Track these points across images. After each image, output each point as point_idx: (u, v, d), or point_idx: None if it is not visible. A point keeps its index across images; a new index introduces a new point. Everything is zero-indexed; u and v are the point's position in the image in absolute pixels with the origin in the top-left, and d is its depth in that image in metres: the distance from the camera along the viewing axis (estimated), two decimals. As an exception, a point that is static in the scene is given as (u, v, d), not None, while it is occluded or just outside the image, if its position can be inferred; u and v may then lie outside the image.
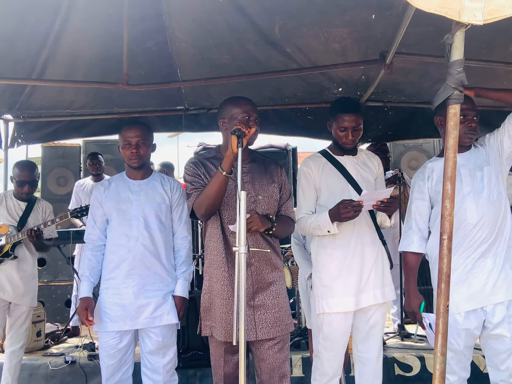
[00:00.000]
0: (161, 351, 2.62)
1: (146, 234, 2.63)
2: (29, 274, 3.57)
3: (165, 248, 2.69)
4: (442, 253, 1.67)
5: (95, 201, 2.75)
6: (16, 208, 3.56)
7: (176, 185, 2.81)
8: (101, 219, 2.72)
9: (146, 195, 2.70)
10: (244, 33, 2.99)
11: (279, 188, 2.44)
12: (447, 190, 1.67)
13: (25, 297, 3.52)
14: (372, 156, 2.78)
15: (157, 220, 2.68)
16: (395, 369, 3.81)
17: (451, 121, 1.61)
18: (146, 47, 3.23)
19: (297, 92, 3.99)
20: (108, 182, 2.80)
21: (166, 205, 2.73)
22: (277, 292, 2.34)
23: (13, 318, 3.54)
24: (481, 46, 2.93)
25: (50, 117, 4.32)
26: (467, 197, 2.36)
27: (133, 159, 2.66)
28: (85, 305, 2.59)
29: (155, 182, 2.77)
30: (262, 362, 2.31)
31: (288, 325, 2.36)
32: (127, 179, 2.76)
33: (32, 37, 3.06)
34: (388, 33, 2.87)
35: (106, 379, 2.63)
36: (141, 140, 2.66)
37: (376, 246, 2.59)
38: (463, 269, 2.33)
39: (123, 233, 2.63)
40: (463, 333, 2.31)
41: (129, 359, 2.68)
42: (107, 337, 2.60)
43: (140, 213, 2.66)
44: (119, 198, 2.70)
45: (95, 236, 2.72)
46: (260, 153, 2.59)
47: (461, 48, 1.61)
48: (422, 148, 5.67)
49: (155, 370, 2.62)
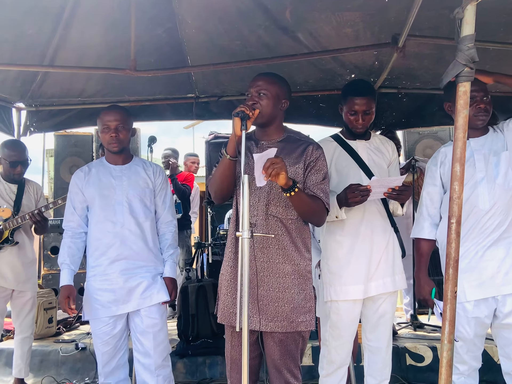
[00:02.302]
0: (151, 329, 2.59)
1: (131, 219, 2.62)
2: (30, 259, 3.53)
3: (151, 232, 2.69)
4: (450, 238, 1.62)
5: (74, 187, 2.72)
6: (7, 191, 3.50)
7: (159, 169, 2.80)
8: (81, 205, 2.70)
9: (129, 179, 2.68)
10: (254, 18, 2.94)
11: (304, 169, 2.16)
12: (456, 172, 1.62)
13: (27, 283, 3.49)
14: (386, 142, 2.71)
15: (142, 205, 2.67)
16: (406, 359, 3.78)
17: (461, 99, 1.55)
18: (155, 34, 3.21)
19: (309, 79, 3.93)
20: (88, 168, 2.76)
21: (150, 189, 2.72)
22: (285, 286, 2.12)
23: (18, 306, 3.50)
24: (499, 29, 2.84)
25: (61, 105, 4.32)
26: (480, 183, 2.30)
27: (113, 143, 2.63)
28: (66, 293, 2.57)
29: (137, 167, 2.75)
30: (266, 355, 2.22)
31: (295, 323, 2.11)
32: (107, 165, 2.73)
33: (42, 25, 3.05)
34: (401, 17, 2.79)
35: (102, 366, 2.63)
36: (121, 124, 2.63)
37: (387, 234, 2.54)
38: (473, 256, 2.28)
39: (107, 219, 2.61)
40: (473, 321, 2.27)
41: (124, 344, 2.67)
42: (101, 323, 2.59)
43: (124, 198, 2.64)
44: (101, 183, 2.67)
45: (75, 223, 2.69)
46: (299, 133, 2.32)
47: (472, 23, 1.54)
48: (437, 136, 5.55)
49: (146, 353, 2.60)
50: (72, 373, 3.91)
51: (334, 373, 2.55)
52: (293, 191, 1.99)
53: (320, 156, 2.20)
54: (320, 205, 2.15)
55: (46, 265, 5.35)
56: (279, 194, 2.12)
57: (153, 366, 2.59)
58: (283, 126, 2.29)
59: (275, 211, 2.14)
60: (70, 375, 3.91)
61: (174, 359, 3.85)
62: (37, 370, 3.93)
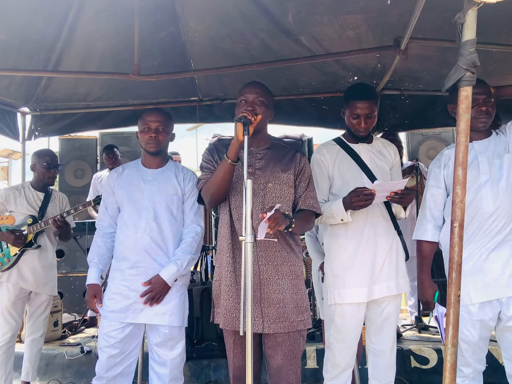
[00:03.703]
0: (168, 343, 2.54)
1: (155, 226, 2.56)
2: (50, 263, 3.60)
3: (173, 241, 2.60)
4: (453, 241, 1.62)
5: (107, 188, 2.71)
6: (35, 198, 3.59)
7: (190, 175, 2.73)
8: (112, 206, 2.68)
9: (158, 185, 2.64)
10: (257, 21, 2.95)
11: (294, 176, 2.30)
12: (459, 176, 1.62)
13: (46, 286, 3.55)
14: (388, 145, 2.71)
15: (168, 212, 2.60)
16: (411, 362, 3.77)
17: (463, 104, 1.56)
18: (158, 38, 3.23)
19: (311, 81, 3.94)
20: (122, 169, 2.74)
21: (178, 196, 2.65)
22: (284, 287, 2.21)
23: (33, 307, 3.58)
24: (501, 31, 2.83)
25: (66, 109, 4.36)
26: (484, 186, 2.29)
27: (151, 143, 2.60)
28: (93, 292, 2.57)
29: (169, 172, 2.70)
30: (268, 357, 2.24)
31: (296, 323, 2.20)
32: (141, 167, 2.70)
33: (46, 30, 3.08)
34: (404, 19, 2.79)
35: (106, 370, 2.53)
36: (161, 126, 2.61)
37: (390, 237, 2.54)
38: (477, 258, 2.28)
39: (132, 224, 2.57)
40: (478, 324, 2.26)
41: (134, 353, 2.59)
42: (109, 327, 2.53)
43: (151, 204, 2.59)
44: (131, 186, 2.64)
45: (106, 223, 2.69)
46: (283, 141, 2.48)
47: (473, 28, 1.54)
48: (440, 137, 5.55)
49: (162, 363, 2.54)
50: (77, 376, 3.92)
51: (339, 376, 2.54)
52: (293, 224, 2.10)
53: (306, 162, 2.37)
54: (312, 218, 2.35)
55: (51, 268, 5.36)
56: (273, 199, 2.25)
57: (167, 378, 2.54)
58: (268, 134, 2.41)
59: None
60: (75, 378, 3.92)
61: (179, 362, 3.88)
62: (43, 374, 3.95)
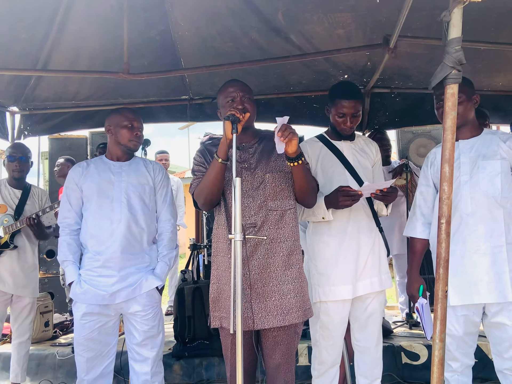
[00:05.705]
0: (148, 341, 2.56)
1: (129, 216, 2.57)
2: (30, 264, 3.51)
3: (147, 230, 2.63)
4: (440, 238, 1.63)
5: (70, 184, 2.66)
6: (11, 196, 3.49)
7: (159, 167, 2.77)
8: (77, 202, 2.64)
9: (128, 176, 2.63)
10: (247, 20, 2.95)
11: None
12: (445, 172, 1.64)
13: (27, 288, 3.47)
14: (370, 143, 2.74)
15: (141, 202, 2.62)
16: (402, 358, 3.80)
17: (449, 101, 1.57)
18: (148, 36, 3.21)
19: (302, 80, 3.94)
20: (87, 164, 2.72)
21: (150, 186, 2.67)
22: (278, 279, 2.15)
23: (16, 311, 3.50)
24: (490, 29, 2.85)
25: (55, 108, 4.32)
26: (463, 186, 2.29)
27: (135, 141, 2.63)
28: None
29: (137, 164, 2.71)
30: (266, 357, 2.23)
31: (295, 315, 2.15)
32: (107, 161, 2.70)
33: (35, 29, 3.05)
34: (393, 18, 2.80)
35: (86, 373, 2.54)
36: (142, 126, 2.65)
37: (373, 234, 2.56)
38: (459, 260, 2.27)
39: (105, 216, 2.56)
40: (462, 319, 2.28)
41: (112, 353, 2.61)
42: (84, 320, 2.51)
43: (123, 195, 2.59)
44: (100, 179, 2.62)
45: (72, 220, 2.64)
46: (270, 131, 2.45)
47: (459, 26, 1.55)
48: (430, 135, 5.57)
49: (144, 361, 2.57)
50: (69, 377, 3.89)
51: (326, 374, 2.56)
52: (300, 160, 2.09)
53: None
54: (315, 184, 2.30)
55: (42, 268, 5.34)
56: (274, 189, 2.20)
57: (149, 375, 2.58)
58: (255, 128, 2.41)
59: (274, 205, 2.19)
60: (67, 378, 3.90)
61: (171, 361, 3.87)
62: (34, 374, 3.93)
